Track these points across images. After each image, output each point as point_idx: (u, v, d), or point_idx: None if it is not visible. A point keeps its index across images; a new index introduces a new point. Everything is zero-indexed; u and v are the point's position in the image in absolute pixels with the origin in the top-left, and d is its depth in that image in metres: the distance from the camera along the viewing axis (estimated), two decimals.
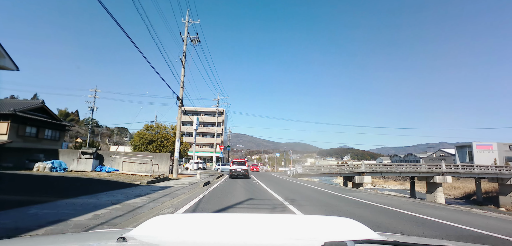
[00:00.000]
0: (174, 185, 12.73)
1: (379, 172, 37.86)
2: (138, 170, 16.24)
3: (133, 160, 16.26)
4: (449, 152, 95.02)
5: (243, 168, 22.18)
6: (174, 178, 18.54)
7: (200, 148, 70.95)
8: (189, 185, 13.58)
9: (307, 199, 10.71)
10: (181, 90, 20.83)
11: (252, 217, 1.56)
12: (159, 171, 16.07)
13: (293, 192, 12.83)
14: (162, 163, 16.52)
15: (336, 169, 36.25)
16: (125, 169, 16.16)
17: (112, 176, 13.62)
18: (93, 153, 15.35)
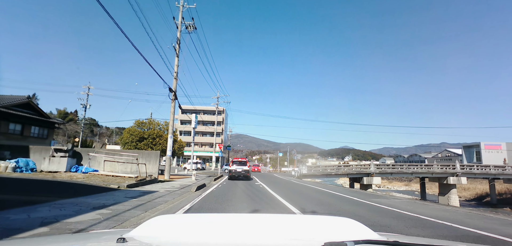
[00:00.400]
0: (160, 190, 10.46)
1: (389, 172, 35.52)
2: (122, 170, 13.98)
3: (117, 159, 13.99)
4: (455, 152, 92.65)
5: (244, 168, 19.91)
6: (165, 179, 16.26)
7: (199, 148, 68.71)
8: (179, 189, 11.31)
9: (331, 208, 8.41)
10: (175, 82, 18.56)
11: (253, 217, 1.54)
12: (146, 172, 13.80)
13: (308, 199, 10.53)
14: (150, 162, 14.25)
15: (343, 170, 33.94)
16: (107, 169, 13.89)
17: (87, 178, 11.35)
18: (69, 150, 13.08)
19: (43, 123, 31.27)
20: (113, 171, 13.91)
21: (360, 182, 35.12)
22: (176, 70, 18.69)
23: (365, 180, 34.10)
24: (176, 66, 18.75)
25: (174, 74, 18.53)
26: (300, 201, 9.67)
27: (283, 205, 8.40)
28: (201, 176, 23.60)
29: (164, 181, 15.32)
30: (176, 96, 18.59)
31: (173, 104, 18.43)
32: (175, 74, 18.57)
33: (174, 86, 18.51)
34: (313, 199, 10.73)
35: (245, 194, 10.99)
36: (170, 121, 18.25)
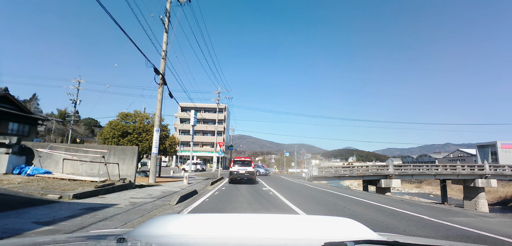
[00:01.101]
0: (124, 203, 6.99)
1: (410, 174, 31.83)
2: (87, 172, 10.52)
3: (80, 158, 10.52)
4: (469, 152, 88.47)
5: (247, 169, 16.36)
6: (148, 184, 12.77)
7: (200, 148, 65.29)
8: (155, 200, 7.84)
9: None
10: (163, 62, 15.09)
11: (254, 217, 1.56)
12: (119, 174, 10.33)
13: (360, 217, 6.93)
14: (125, 161, 10.79)
15: (358, 171, 30.29)
16: (67, 171, 10.46)
17: (26, 183, 7.92)
18: (13, 145, 9.69)
19: (23, 118, 28.04)
20: (74, 173, 10.45)
21: (377, 184, 31.41)
22: (165, 49, 15.21)
23: (383, 183, 30.40)
24: (164, 43, 15.27)
25: (162, 53, 15.06)
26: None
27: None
28: (198, 178, 20.09)
29: (145, 186, 11.83)
30: (164, 80, 15.11)
31: (161, 89, 14.95)
32: (164, 53, 15.09)
33: (161, 67, 15.04)
34: (350, 215, 7.15)
35: (252, 209, 7.44)
36: (157, 111, 14.76)
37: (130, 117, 18.05)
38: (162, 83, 14.96)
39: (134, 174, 10.75)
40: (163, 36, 15.41)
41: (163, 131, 18.88)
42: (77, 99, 37.87)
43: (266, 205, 8.33)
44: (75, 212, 5.41)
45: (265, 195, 10.79)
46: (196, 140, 65.69)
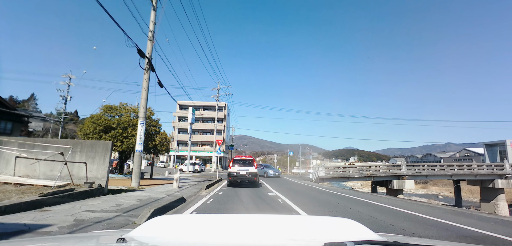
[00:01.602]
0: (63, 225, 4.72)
1: (424, 175, 29.52)
2: (46, 173, 8.25)
3: (39, 156, 8.24)
4: (476, 151, 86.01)
5: (249, 170, 14.05)
6: (129, 188, 10.50)
7: (199, 148, 62.98)
8: (119, 215, 5.58)
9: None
10: (150, 44, 12.82)
11: (253, 217, 1.54)
12: (87, 176, 8.07)
13: None
14: (95, 160, 8.52)
15: (369, 172, 27.96)
16: (20, 171, 8.19)
17: None
18: None
19: (7, 115, 25.84)
20: (29, 175, 8.19)
21: (388, 186, 29.11)
22: (152, 29, 12.94)
23: (396, 184, 28.08)
24: (152, 23, 13.00)
25: (149, 34, 12.79)
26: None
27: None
28: (193, 180, 17.80)
29: (124, 191, 9.55)
30: (151, 65, 12.83)
31: (147, 76, 12.67)
32: (151, 34, 12.82)
33: (148, 50, 12.76)
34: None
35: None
36: (142, 100, 12.47)
37: (114, 110, 15.78)
38: (148, 68, 12.68)
39: (105, 175, 8.47)
40: (151, 15, 13.14)
41: (153, 126, 16.62)
42: (68, 95, 35.57)
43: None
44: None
45: (273, 204, 8.49)
46: (195, 140, 63.42)
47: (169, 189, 10.98)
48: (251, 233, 1.31)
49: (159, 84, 13.88)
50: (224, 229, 1.34)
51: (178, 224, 1.41)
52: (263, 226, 1.41)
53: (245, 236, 1.27)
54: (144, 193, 9.26)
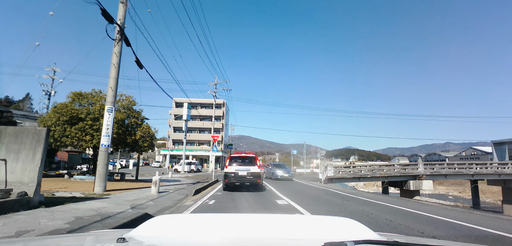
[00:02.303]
0: None
1: (443, 174, 26.70)
2: None
3: None
4: (483, 150, 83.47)
5: (250, 170, 11.09)
6: (86, 196, 7.63)
7: (196, 147, 60.06)
8: None
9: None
10: (122, 8, 9.94)
11: (253, 217, 1.53)
12: (6, 180, 5.17)
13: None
14: (20, 156, 5.65)
15: (382, 171, 25.13)
16: None
17: None
18: None
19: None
20: None
21: (403, 187, 26.35)
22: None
23: (412, 185, 25.31)
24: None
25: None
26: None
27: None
28: (183, 182, 14.92)
29: (70, 200, 6.67)
30: (124, 34, 9.92)
31: (118, 48, 9.76)
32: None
33: (119, 14, 9.87)
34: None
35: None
36: (110, 80, 9.57)
37: (85, 97, 12.87)
38: (120, 38, 9.77)
39: (35, 178, 5.61)
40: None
41: (134, 117, 13.70)
42: (52, 90, 32.60)
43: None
44: None
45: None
46: (192, 138, 60.47)
47: (142, 197, 8.09)
48: (252, 232, 1.30)
49: (138, 63, 10.98)
50: (224, 229, 1.34)
51: (178, 224, 1.42)
52: (263, 225, 1.40)
53: (245, 235, 1.27)
54: (101, 204, 6.39)
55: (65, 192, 8.32)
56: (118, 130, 12.21)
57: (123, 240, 1.06)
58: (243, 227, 1.36)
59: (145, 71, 10.86)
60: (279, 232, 1.32)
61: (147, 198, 7.94)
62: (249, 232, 1.31)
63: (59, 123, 11.71)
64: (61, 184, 11.30)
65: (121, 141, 12.77)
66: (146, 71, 11.49)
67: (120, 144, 12.99)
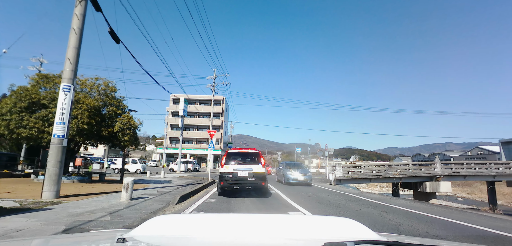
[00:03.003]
0: None
1: (462, 175, 24.44)
2: None
3: None
4: (491, 149, 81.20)
5: (253, 170, 8.70)
6: (21, 207, 5.30)
7: (194, 145, 57.77)
8: None
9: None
10: None
11: (254, 217, 1.53)
12: None
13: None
14: None
15: (395, 171, 22.85)
16: None
17: None
18: None
19: None
20: None
21: (418, 189, 24.06)
22: None
23: (428, 186, 23.02)
24: None
25: None
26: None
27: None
28: (172, 184, 12.64)
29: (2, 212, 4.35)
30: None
31: (81, 9, 7.45)
32: None
33: None
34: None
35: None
36: (69, 50, 7.26)
37: (51, 80, 10.55)
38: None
39: None
40: None
41: (112, 106, 11.37)
42: None
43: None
44: None
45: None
46: (191, 136, 58.18)
47: (101, 208, 5.79)
48: (251, 232, 1.29)
49: (112, 35, 8.63)
50: (224, 229, 1.33)
51: (179, 224, 1.41)
52: (264, 225, 1.39)
53: (245, 235, 1.26)
54: (25, 222, 4.12)
55: (3, 200, 6.02)
56: (90, 120, 9.89)
57: (123, 240, 1.05)
58: (243, 227, 1.34)
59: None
60: (279, 232, 1.31)
61: (107, 209, 5.65)
62: (249, 232, 1.30)
63: (15, 110, 9.40)
64: (15, 186, 9.02)
65: (94, 133, 10.46)
66: (125, 47, 9.18)
67: (92, 137, 10.69)
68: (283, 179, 16.00)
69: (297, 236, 1.27)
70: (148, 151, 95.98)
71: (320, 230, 1.35)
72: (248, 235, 1.25)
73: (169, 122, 57.74)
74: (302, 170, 16.65)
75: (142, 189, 9.95)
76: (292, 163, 18.87)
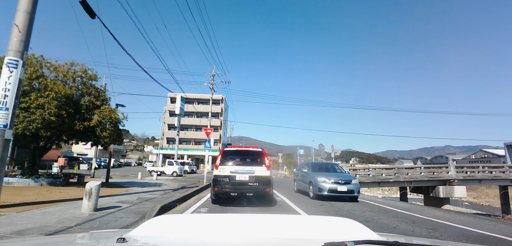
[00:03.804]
0: None
1: (478, 179, 22.83)
2: None
3: None
4: (495, 153, 79.50)
5: (254, 172, 7.02)
6: None
7: (192, 146, 56.06)
8: None
9: None
10: None
11: (253, 217, 1.49)
12: None
13: None
14: None
15: (406, 175, 21.23)
16: None
17: None
18: None
19: None
20: None
21: (430, 193, 22.54)
22: None
23: (442, 191, 21.45)
24: None
25: None
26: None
27: None
28: (160, 189, 11.01)
29: None
30: None
31: None
32: None
33: None
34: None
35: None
36: (19, 13, 5.56)
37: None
38: None
39: None
40: None
41: (89, 95, 9.68)
42: None
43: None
44: None
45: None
46: (189, 137, 56.50)
47: (44, 225, 4.12)
48: (252, 232, 1.29)
49: (85, 6, 6.98)
50: (224, 229, 1.31)
51: (179, 224, 1.38)
52: (263, 225, 1.38)
53: (245, 235, 1.25)
54: None
55: None
56: (60, 111, 8.23)
57: (123, 240, 1.05)
58: (243, 227, 1.33)
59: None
60: (279, 232, 1.30)
61: (51, 227, 3.98)
62: (249, 232, 1.29)
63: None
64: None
65: (66, 127, 8.79)
66: (102, 23, 7.56)
67: (63, 131, 9.00)
68: (310, 189, 10.29)
69: (297, 236, 1.25)
70: (146, 152, 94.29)
71: (320, 230, 1.34)
72: (248, 235, 1.25)
73: (167, 121, 56.09)
74: (341, 174, 10.72)
75: (121, 194, 8.28)
76: (322, 164, 12.64)
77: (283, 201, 8.74)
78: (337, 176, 10.03)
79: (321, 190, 9.54)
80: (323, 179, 9.81)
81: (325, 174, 10.24)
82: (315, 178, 10.01)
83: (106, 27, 7.94)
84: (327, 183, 9.61)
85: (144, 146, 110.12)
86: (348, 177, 10.29)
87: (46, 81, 8.37)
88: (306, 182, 11.03)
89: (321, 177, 9.94)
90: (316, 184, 9.83)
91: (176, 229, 1.29)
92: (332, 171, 11.13)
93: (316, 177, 10.07)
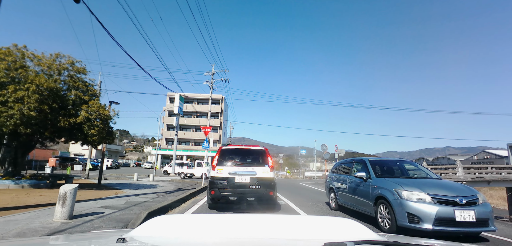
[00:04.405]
0: None
1: (487, 180, 21.85)
2: None
3: None
4: (497, 153, 78.69)
5: (256, 173, 6.35)
6: None
7: (191, 146, 55.26)
8: None
9: None
10: None
11: (253, 217, 1.49)
12: None
13: None
14: None
15: None
16: None
17: None
18: None
19: None
20: None
21: None
22: None
23: None
24: None
25: None
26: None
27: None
28: (154, 192, 10.25)
29: None
30: None
31: None
32: None
33: None
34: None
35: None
36: None
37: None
38: None
39: None
40: None
41: (76, 89, 8.91)
42: None
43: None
44: None
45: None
46: (188, 137, 55.73)
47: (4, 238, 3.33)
48: (252, 233, 1.28)
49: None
50: (224, 229, 1.31)
51: (178, 224, 1.38)
52: (263, 226, 1.37)
53: (245, 235, 1.24)
54: None
55: None
56: (42, 106, 7.46)
57: (123, 240, 1.04)
58: (243, 227, 1.32)
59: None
60: (279, 233, 1.30)
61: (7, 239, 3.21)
62: (249, 232, 1.28)
63: None
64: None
65: (49, 123, 8.02)
66: (87, 7, 6.79)
67: (45, 127, 8.21)
68: (381, 212, 5.14)
69: (297, 236, 1.25)
70: (146, 153, 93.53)
71: (320, 230, 1.33)
72: (248, 235, 1.24)
73: (166, 121, 55.33)
74: (447, 184, 5.14)
75: (108, 198, 7.49)
76: (389, 163, 6.57)
77: (288, 205, 7.96)
78: (444, 188, 4.79)
79: (417, 217, 4.43)
80: (417, 194, 4.61)
81: (416, 183, 4.98)
82: (396, 191, 4.83)
83: (92, 13, 7.17)
84: (430, 204, 4.44)
85: (143, 146, 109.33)
86: (467, 191, 4.78)
87: (26, 73, 7.59)
88: (363, 196, 5.89)
89: (410, 190, 4.71)
90: (399, 203, 4.68)
91: (176, 229, 1.28)
92: (418, 177, 5.78)
93: (397, 188, 4.85)
